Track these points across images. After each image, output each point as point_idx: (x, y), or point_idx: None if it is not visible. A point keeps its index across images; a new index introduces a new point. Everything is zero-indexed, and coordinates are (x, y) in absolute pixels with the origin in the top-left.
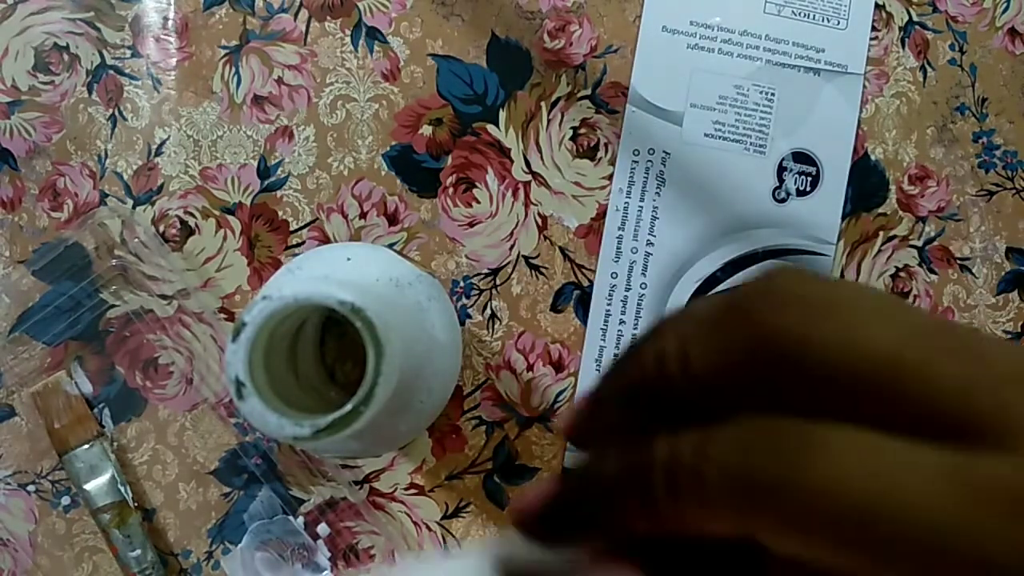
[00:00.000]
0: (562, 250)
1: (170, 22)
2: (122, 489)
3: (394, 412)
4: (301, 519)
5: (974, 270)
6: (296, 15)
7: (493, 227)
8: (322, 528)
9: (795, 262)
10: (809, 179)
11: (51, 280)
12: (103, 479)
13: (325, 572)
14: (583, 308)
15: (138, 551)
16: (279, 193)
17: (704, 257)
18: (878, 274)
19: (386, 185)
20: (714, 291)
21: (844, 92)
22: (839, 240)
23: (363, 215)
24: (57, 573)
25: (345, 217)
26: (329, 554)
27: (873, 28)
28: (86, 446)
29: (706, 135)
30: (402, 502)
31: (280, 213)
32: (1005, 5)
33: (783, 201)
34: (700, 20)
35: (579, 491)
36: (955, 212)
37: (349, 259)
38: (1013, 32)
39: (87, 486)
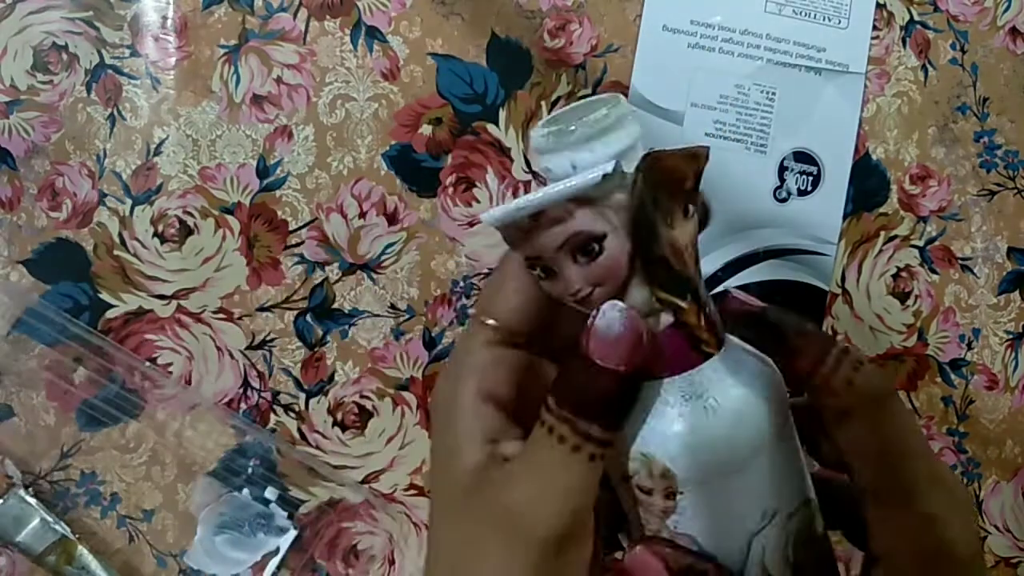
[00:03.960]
0: None
1: (169, 21)
2: (58, 527)
3: None
4: (246, 491)
5: (975, 270)
6: (295, 14)
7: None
8: (270, 492)
9: (796, 261)
10: (810, 179)
11: (51, 280)
12: (32, 525)
13: (290, 531)
14: None
15: None
16: (278, 193)
17: (705, 257)
18: (879, 274)
19: (386, 185)
20: (715, 291)
21: (845, 91)
22: (840, 240)
23: (362, 215)
24: None
25: (344, 217)
26: (286, 513)
27: (874, 27)
28: (0, 501)
29: (707, 134)
30: (402, 503)
31: (279, 213)
32: (1006, 4)
33: (784, 201)
34: (701, 19)
35: None
36: (956, 212)
37: None
38: (1014, 31)
39: (20, 538)
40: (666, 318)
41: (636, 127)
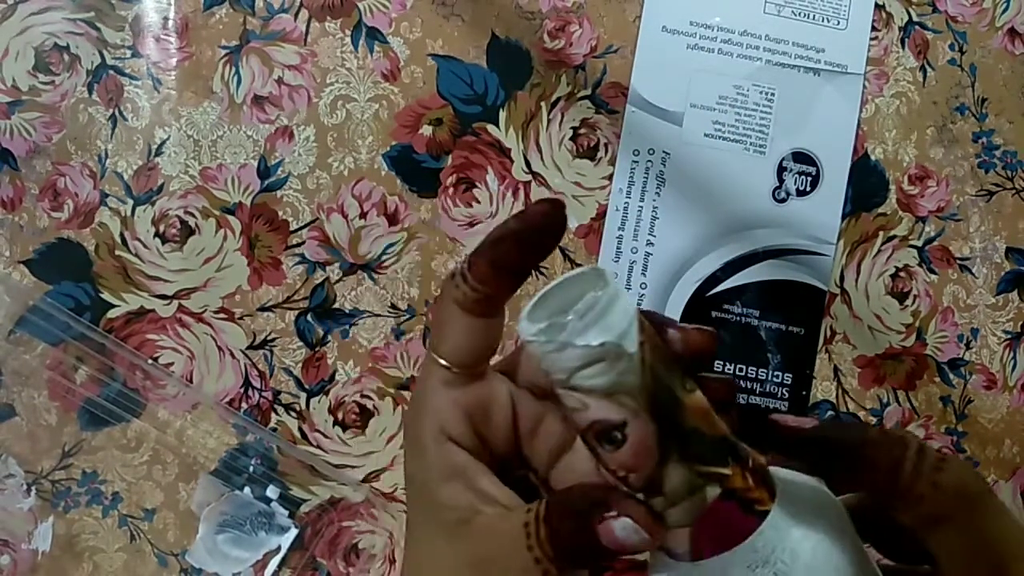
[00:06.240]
0: (562, 250)
1: (170, 22)
2: None
3: None
4: (248, 489)
5: (974, 270)
6: (296, 15)
7: (493, 227)
8: (271, 490)
9: (794, 261)
10: (809, 179)
11: (52, 280)
12: None
13: (291, 530)
14: None
15: None
16: (279, 193)
17: (704, 257)
18: (878, 274)
19: (386, 185)
20: (714, 292)
21: (844, 92)
22: (839, 240)
23: (363, 215)
24: (57, 573)
25: (345, 217)
26: (287, 512)
27: (873, 28)
28: None
29: (706, 135)
30: (402, 501)
31: (280, 213)
32: (1005, 5)
33: (783, 201)
34: (700, 20)
35: None
36: (955, 212)
37: None
38: (1013, 32)
39: None
40: (712, 490)
41: (628, 303)
